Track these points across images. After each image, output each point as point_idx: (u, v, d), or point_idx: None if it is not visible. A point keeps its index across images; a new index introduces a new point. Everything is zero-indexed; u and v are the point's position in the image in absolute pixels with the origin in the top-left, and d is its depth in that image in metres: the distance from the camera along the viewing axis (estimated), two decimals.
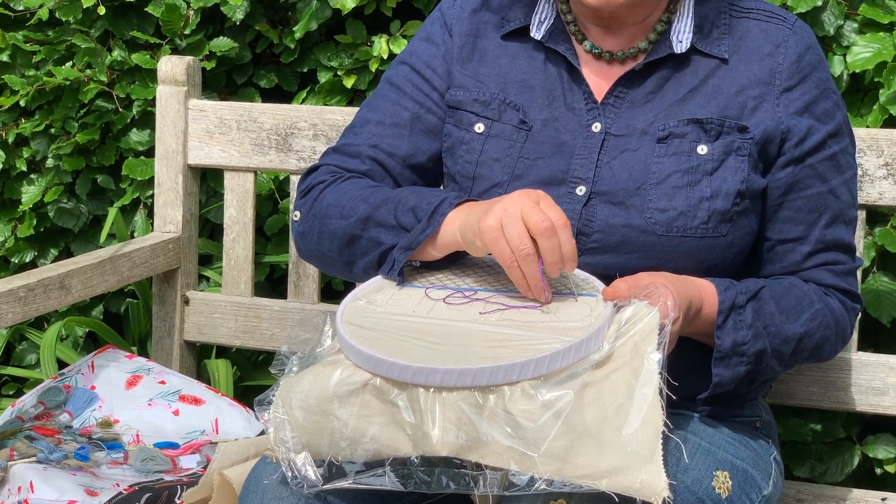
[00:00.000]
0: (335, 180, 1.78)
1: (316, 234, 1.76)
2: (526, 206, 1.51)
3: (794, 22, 1.76)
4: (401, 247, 1.63)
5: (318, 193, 1.78)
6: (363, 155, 1.82)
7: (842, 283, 1.76)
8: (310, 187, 1.80)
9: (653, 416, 1.38)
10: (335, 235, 1.72)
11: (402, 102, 1.84)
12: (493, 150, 1.77)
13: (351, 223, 1.70)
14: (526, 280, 1.52)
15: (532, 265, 1.51)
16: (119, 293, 2.92)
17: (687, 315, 1.56)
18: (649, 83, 1.74)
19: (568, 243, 1.51)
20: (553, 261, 1.51)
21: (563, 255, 1.51)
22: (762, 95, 1.72)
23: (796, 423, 2.45)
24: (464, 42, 1.83)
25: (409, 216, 1.65)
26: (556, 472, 1.36)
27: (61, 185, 2.93)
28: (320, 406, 1.45)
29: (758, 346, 1.65)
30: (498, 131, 1.77)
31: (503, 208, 1.52)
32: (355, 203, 1.71)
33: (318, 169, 1.83)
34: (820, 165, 1.73)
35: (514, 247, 1.50)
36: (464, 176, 1.78)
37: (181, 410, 2.19)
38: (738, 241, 1.71)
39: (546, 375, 1.39)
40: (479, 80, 1.81)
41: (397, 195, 1.70)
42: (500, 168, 1.75)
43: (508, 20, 1.81)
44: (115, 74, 2.83)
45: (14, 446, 2.00)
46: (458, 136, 1.80)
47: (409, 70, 1.86)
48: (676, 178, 1.69)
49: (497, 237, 1.52)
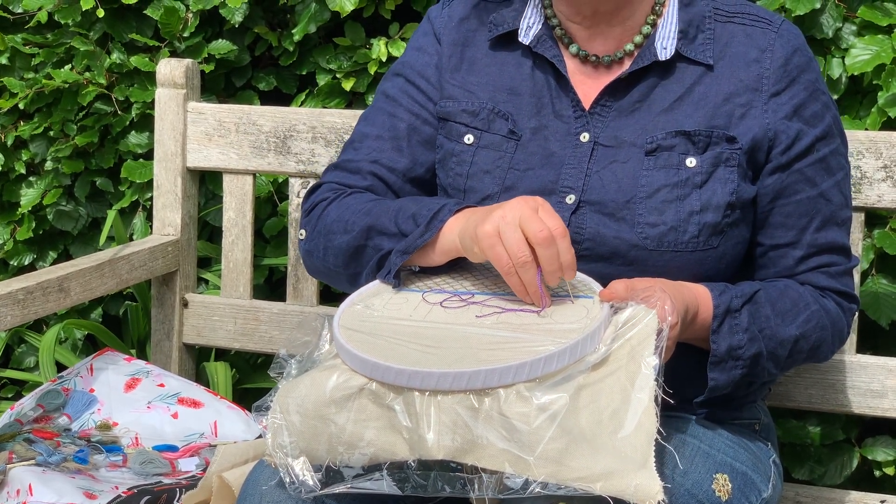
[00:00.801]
0: (337, 197, 1.79)
1: (321, 251, 1.77)
2: (524, 214, 1.51)
3: (780, 24, 1.74)
4: (398, 250, 1.63)
5: (321, 211, 1.79)
6: (364, 171, 1.82)
7: (837, 285, 1.76)
8: (313, 205, 1.81)
9: (647, 422, 1.38)
10: (339, 250, 1.73)
11: (398, 114, 1.84)
12: (483, 162, 1.76)
13: (354, 235, 1.71)
14: (524, 287, 1.52)
15: (530, 272, 1.51)
16: (118, 296, 2.92)
17: (684, 320, 1.56)
18: (635, 92, 1.73)
19: (567, 252, 1.50)
20: (552, 270, 1.50)
21: (562, 263, 1.50)
22: (750, 102, 1.71)
23: (795, 426, 2.45)
24: (452, 52, 1.83)
25: (409, 223, 1.65)
26: (551, 475, 1.36)
27: (60, 187, 2.93)
28: (317, 411, 1.45)
29: (753, 349, 1.64)
30: (487, 142, 1.77)
31: (501, 215, 1.52)
32: (358, 217, 1.72)
33: (321, 187, 1.83)
34: (808, 170, 1.72)
35: (513, 254, 1.50)
36: (455, 188, 1.78)
37: (180, 413, 2.19)
38: (729, 251, 1.71)
39: (541, 378, 1.39)
40: (467, 90, 1.81)
41: (399, 204, 1.70)
42: (491, 180, 1.75)
43: (496, 25, 1.81)
44: (114, 77, 2.83)
45: (13, 449, 2.00)
46: (448, 147, 1.80)
47: (403, 81, 1.86)
48: (666, 192, 1.68)
49: (494, 244, 1.51)
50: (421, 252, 1.64)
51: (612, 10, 1.72)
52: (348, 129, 2.31)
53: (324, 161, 2.33)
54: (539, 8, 1.79)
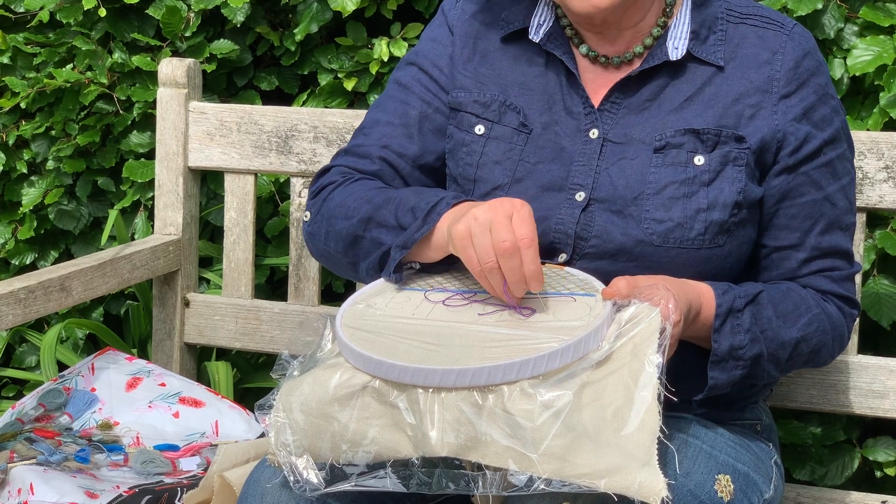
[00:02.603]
0: (345, 181, 1.79)
1: (323, 234, 1.77)
2: (495, 220, 1.50)
3: (792, 28, 1.75)
4: (396, 245, 1.64)
5: (327, 194, 1.79)
6: (373, 155, 1.82)
7: (839, 290, 1.76)
8: (320, 188, 1.81)
9: (650, 421, 1.38)
10: (339, 236, 1.73)
11: (410, 102, 1.85)
12: (493, 153, 1.77)
13: (353, 223, 1.71)
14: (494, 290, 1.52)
15: (497, 278, 1.50)
16: (119, 295, 2.92)
17: (687, 318, 1.56)
18: (645, 91, 1.73)
19: (531, 263, 1.49)
20: (514, 281, 1.49)
21: (526, 274, 1.49)
22: (760, 103, 1.71)
23: (796, 427, 2.45)
24: (464, 43, 1.83)
25: (408, 216, 1.65)
26: (555, 472, 1.36)
27: (62, 187, 2.93)
28: (321, 409, 1.45)
29: (754, 350, 1.64)
30: (498, 133, 1.77)
31: (474, 217, 1.51)
32: (359, 204, 1.72)
33: (330, 170, 1.83)
34: (815, 173, 1.73)
35: (480, 258, 1.50)
36: (465, 178, 1.78)
37: (181, 412, 2.19)
38: (735, 251, 1.71)
39: (545, 374, 1.39)
40: (479, 82, 1.81)
41: (399, 195, 1.70)
42: (501, 171, 1.75)
43: (508, 22, 1.81)
44: (116, 76, 2.83)
45: (14, 448, 2.00)
46: (459, 137, 1.80)
47: (416, 70, 1.86)
48: (673, 188, 1.68)
49: (465, 245, 1.51)
50: (418, 247, 1.64)
51: (620, 17, 1.72)
52: (350, 128, 2.31)
53: (325, 161, 2.32)
54: (550, 6, 1.79)
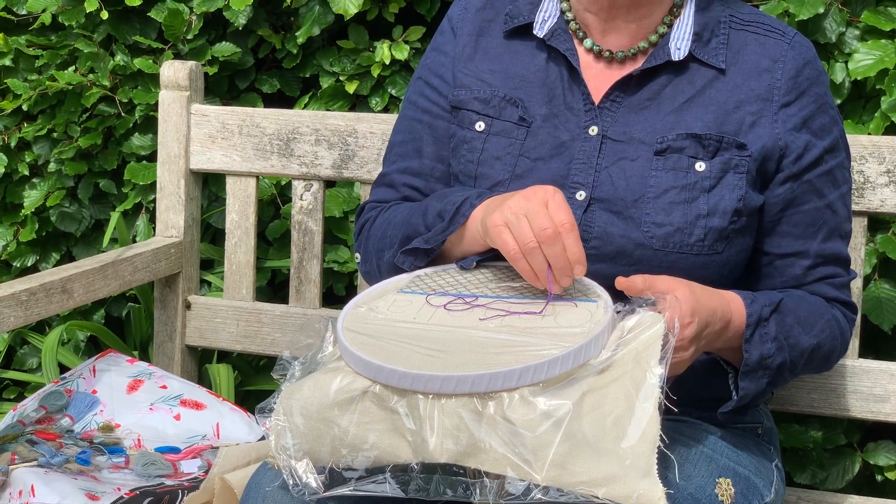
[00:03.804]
0: (379, 214, 1.83)
1: (376, 270, 1.80)
2: (531, 209, 1.51)
3: (793, 36, 1.75)
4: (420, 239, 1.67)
5: (367, 232, 1.84)
6: (397, 184, 1.86)
7: (842, 296, 1.77)
8: (360, 227, 1.86)
9: (651, 431, 1.38)
10: (389, 266, 1.76)
11: (417, 117, 1.87)
12: (493, 149, 1.77)
13: (395, 249, 1.74)
14: (534, 271, 1.52)
15: (537, 260, 1.51)
16: (120, 297, 2.92)
17: (712, 328, 1.56)
18: (646, 90, 1.74)
19: (574, 246, 1.50)
20: (560, 267, 1.51)
21: (570, 259, 1.51)
22: (760, 111, 1.71)
23: (797, 430, 2.45)
24: (467, 41, 1.84)
25: (437, 220, 1.68)
26: (554, 479, 1.36)
27: (63, 189, 2.93)
28: (321, 413, 1.45)
29: (780, 358, 1.65)
30: (498, 129, 1.78)
31: (509, 207, 1.53)
32: (396, 230, 1.76)
33: (365, 208, 1.88)
34: (817, 181, 1.73)
35: (520, 241, 1.51)
36: (466, 175, 1.79)
37: (182, 415, 2.19)
38: (733, 258, 1.71)
39: (545, 382, 1.39)
40: (480, 79, 1.82)
41: (424, 205, 1.73)
42: (501, 166, 1.76)
43: (512, 17, 1.82)
44: (118, 79, 2.84)
45: (15, 450, 2.00)
46: (460, 135, 1.81)
47: (422, 84, 1.88)
48: (674, 193, 1.69)
49: (501, 231, 1.53)
50: (451, 244, 1.67)
51: (630, 5, 1.73)
52: (351, 131, 2.32)
53: (326, 163, 2.33)
54: (556, 1, 1.80)
